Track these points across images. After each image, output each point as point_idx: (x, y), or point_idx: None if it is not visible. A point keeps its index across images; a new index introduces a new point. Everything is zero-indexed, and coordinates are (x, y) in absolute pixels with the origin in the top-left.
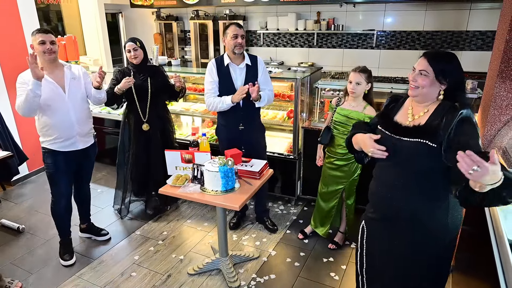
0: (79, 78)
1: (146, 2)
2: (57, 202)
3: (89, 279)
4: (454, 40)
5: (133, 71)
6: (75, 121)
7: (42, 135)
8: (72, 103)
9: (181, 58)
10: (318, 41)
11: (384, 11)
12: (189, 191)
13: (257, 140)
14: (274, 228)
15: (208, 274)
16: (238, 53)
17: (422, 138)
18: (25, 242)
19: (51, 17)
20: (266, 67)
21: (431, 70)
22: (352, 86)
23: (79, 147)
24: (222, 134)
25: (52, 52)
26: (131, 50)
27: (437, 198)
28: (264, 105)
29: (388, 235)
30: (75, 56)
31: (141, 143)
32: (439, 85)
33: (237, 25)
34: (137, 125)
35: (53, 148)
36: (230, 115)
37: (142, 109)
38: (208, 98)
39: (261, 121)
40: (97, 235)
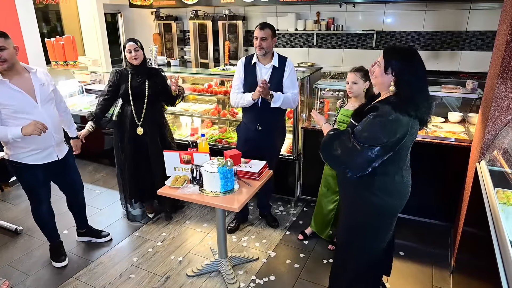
0: (47, 85)
1: (145, 2)
2: (37, 208)
3: (87, 281)
4: (454, 40)
5: (132, 72)
6: (52, 130)
7: (13, 148)
8: (46, 111)
9: (180, 58)
10: (317, 41)
11: (383, 11)
12: (188, 192)
13: (273, 142)
14: (275, 224)
15: (207, 276)
16: (259, 54)
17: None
18: (22, 244)
19: (50, 17)
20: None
21: (383, 62)
22: (349, 86)
23: (55, 158)
24: (241, 133)
25: (3, 60)
26: (132, 51)
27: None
28: (283, 107)
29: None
30: (73, 56)
31: (135, 148)
32: (390, 76)
33: (259, 26)
34: (131, 129)
35: (27, 162)
36: (249, 114)
37: (137, 112)
38: (232, 94)
39: (284, 125)
40: (97, 237)
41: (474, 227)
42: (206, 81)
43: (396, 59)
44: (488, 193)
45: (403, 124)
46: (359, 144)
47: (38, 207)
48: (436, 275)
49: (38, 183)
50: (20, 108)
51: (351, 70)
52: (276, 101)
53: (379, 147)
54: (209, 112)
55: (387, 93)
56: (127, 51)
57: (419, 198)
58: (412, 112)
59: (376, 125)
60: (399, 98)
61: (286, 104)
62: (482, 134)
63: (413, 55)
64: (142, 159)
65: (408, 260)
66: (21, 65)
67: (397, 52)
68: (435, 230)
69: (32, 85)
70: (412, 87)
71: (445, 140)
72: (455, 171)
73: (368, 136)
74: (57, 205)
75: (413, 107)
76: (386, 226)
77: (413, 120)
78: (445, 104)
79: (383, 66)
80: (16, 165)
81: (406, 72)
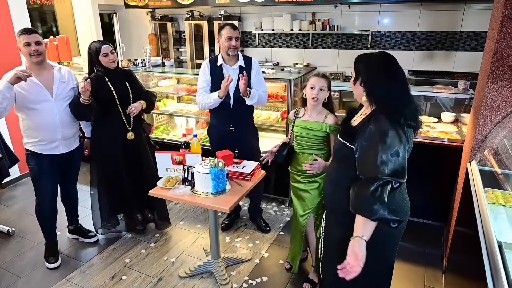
0: (67, 82)
1: (141, 3)
2: (42, 204)
3: (78, 282)
4: (449, 40)
5: (109, 76)
6: (60, 124)
7: (26, 136)
8: (57, 106)
9: (176, 58)
10: (313, 42)
11: (379, 11)
12: (179, 193)
13: (249, 142)
14: (267, 228)
15: (200, 277)
16: (232, 55)
17: (344, 139)
18: (14, 245)
19: (45, 17)
20: (260, 68)
21: (353, 72)
22: (315, 92)
23: (62, 151)
24: (213, 135)
25: (39, 53)
26: (109, 54)
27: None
28: (255, 105)
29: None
30: (67, 57)
31: (127, 155)
32: (360, 87)
33: (231, 26)
34: (120, 136)
35: (36, 150)
36: (220, 115)
37: (127, 117)
38: (198, 97)
39: (253, 123)
40: (84, 236)
41: (465, 226)
42: None
43: (362, 68)
44: (478, 193)
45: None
46: (392, 178)
47: (43, 203)
48: (429, 275)
49: (42, 172)
50: (35, 99)
51: (317, 74)
52: (252, 98)
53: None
54: (203, 113)
55: (368, 106)
56: (102, 55)
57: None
58: (399, 118)
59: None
60: (382, 108)
61: (259, 101)
62: (473, 134)
63: (380, 60)
64: (135, 164)
65: (400, 260)
66: (48, 62)
67: (363, 60)
68: (428, 230)
69: (53, 81)
70: (383, 96)
71: (438, 140)
72: (448, 171)
73: (393, 163)
74: None
75: (397, 114)
76: (390, 249)
77: (406, 128)
78: (439, 104)
79: (354, 77)
80: (28, 153)
81: (372, 79)
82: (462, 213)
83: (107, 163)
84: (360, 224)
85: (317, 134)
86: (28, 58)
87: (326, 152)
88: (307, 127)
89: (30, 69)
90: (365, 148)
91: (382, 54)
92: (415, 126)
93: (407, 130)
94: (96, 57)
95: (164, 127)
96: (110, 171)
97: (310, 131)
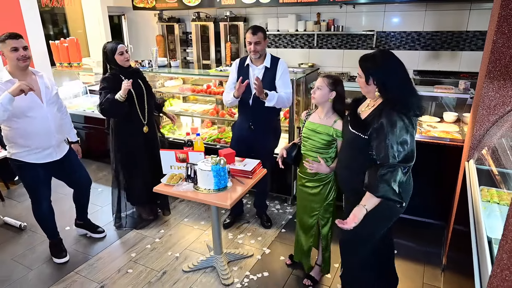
0: (52, 88)
1: (148, 5)
2: (38, 206)
3: (86, 275)
4: (454, 40)
5: (123, 75)
6: (54, 130)
7: (14, 146)
8: (50, 112)
9: (183, 59)
10: (318, 42)
11: (384, 11)
12: (183, 190)
13: (267, 143)
14: (268, 224)
15: (203, 271)
16: (254, 57)
17: (356, 130)
18: (26, 240)
19: (56, 19)
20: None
21: (362, 73)
22: (312, 90)
23: (56, 158)
24: (234, 131)
25: (27, 58)
26: (124, 52)
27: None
28: (277, 106)
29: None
30: (77, 58)
31: (146, 147)
32: (373, 86)
33: (251, 31)
34: (138, 129)
35: (28, 160)
36: (242, 112)
37: (142, 112)
38: (224, 94)
39: (277, 125)
40: (93, 232)
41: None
42: (206, 82)
43: (371, 68)
44: (473, 191)
45: (407, 128)
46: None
47: (39, 205)
48: (428, 273)
49: (38, 181)
50: (28, 106)
51: (322, 74)
52: (270, 100)
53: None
54: (208, 112)
55: (377, 99)
56: (118, 54)
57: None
58: (407, 111)
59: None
60: (391, 102)
61: (280, 103)
62: (470, 134)
63: (385, 57)
64: (151, 156)
65: (400, 257)
66: (29, 68)
67: (369, 60)
68: (429, 229)
69: (39, 86)
70: (395, 89)
71: (439, 140)
72: (449, 170)
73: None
74: (59, 202)
75: (406, 107)
76: (388, 225)
77: (411, 118)
78: (442, 104)
79: (364, 78)
80: (18, 164)
81: (385, 76)
82: (460, 211)
83: (129, 155)
84: (366, 197)
85: (322, 137)
86: (15, 63)
87: (329, 157)
88: (314, 130)
89: (13, 75)
90: (379, 139)
91: (384, 51)
92: (419, 115)
93: (413, 119)
94: (112, 56)
95: (170, 126)
96: (132, 163)
97: (316, 133)
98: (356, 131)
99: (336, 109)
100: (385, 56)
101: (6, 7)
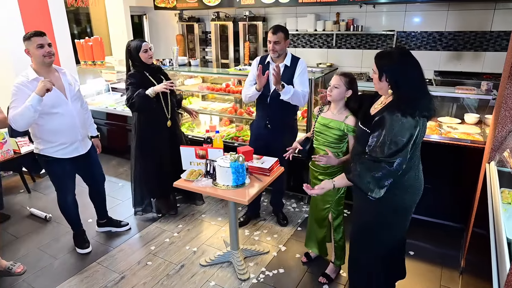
0: (74, 85)
1: (169, 5)
2: (63, 199)
3: (108, 265)
4: (478, 40)
5: (148, 71)
6: (79, 125)
7: (42, 142)
8: (74, 107)
9: (202, 58)
10: (337, 42)
11: (404, 11)
12: (202, 185)
13: (282, 141)
14: (285, 222)
15: (219, 266)
16: (273, 56)
17: (364, 126)
18: (51, 230)
19: (80, 19)
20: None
21: (376, 69)
22: (329, 89)
23: (81, 152)
24: (252, 130)
25: (52, 54)
26: (148, 50)
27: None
28: (291, 101)
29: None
30: (101, 56)
31: (169, 141)
32: (385, 82)
33: (272, 30)
34: (162, 123)
35: (56, 156)
36: (259, 109)
37: (166, 107)
38: (243, 89)
39: (294, 124)
40: (117, 226)
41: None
42: (225, 81)
43: (386, 65)
44: (493, 192)
45: (409, 127)
46: (387, 159)
47: (64, 198)
48: (445, 275)
49: (65, 176)
50: (53, 103)
51: (337, 73)
52: (286, 92)
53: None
54: (226, 111)
55: (388, 96)
56: (142, 51)
57: (433, 199)
58: (413, 111)
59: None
60: (399, 101)
61: (295, 99)
62: (492, 135)
63: (402, 56)
64: (174, 149)
65: (417, 259)
66: (52, 66)
67: (385, 57)
68: (448, 231)
69: (62, 83)
70: (408, 88)
71: (460, 141)
72: (470, 173)
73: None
74: (83, 196)
75: (413, 107)
76: (400, 222)
77: (419, 118)
78: (463, 105)
79: (378, 74)
80: (46, 159)
81: (398, 74)
82: (480, 214)
83: (153, 149)
84: (340, 176)
85: (334, 132)
86: (41, 59)
87: (341, 152)
88: (326, 125)
89: (38, 73)
90: (376, 133)
91: (401, 49)
92: (429, 116)
93: (420, 120)
94: (136, 54)
95: (189, 124)
96: (155, 157)
97: (328, 128)
98: (363, 127)
99: (350, 106)
100: (402, 54)
101: (36, 7)
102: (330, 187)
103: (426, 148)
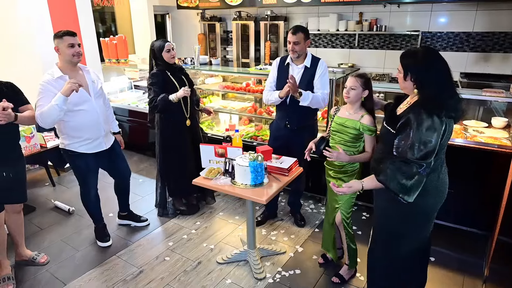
0: (97, 82)
1: (192, 4)
2: (86, 193)
3: (127, 259)
4: (508, 41)
5: (170, 71)
6: (103, 121)
7: (68, 137)
8: (97, 104)
9: (223, 57)
10: (359, 42)
11: (430, 11)
12: (220, 183)
13: (301, 142)
14: (302, 223)
15: (236, 264)
16: (292, 57)
17: (388, 125)
18: (74, 223)
19: (105, 18)
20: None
21: (401, 68)
22: (346, 90)
23: (105, 147)
24: (272, 129)
25: (80, 55)
26: (171, 50)
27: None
28: (313, 106)
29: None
30: (124, 55)
31: (189, 140)
32: (410, 82)
33: (292, 30)
34: (182, 122)
35: (81, 151)
36: (279, 111)
37: (185, 106)
38: (264, 92)
39: (314, 125)
40: (137, 221)
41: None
42: (245, 80)
43: (411, 64)
44: None
45: (436, 127)
46: (419, 161)
47: (87, 192)
48: (468, 283)
49: (88, 170)
50: (78, 101)
51: (352, 74)
52: (304, 99)
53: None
54: (246, 110)
55: (414, 96)
56: (165, 51)
57: (457, 205)
58: (439, 112)
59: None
60: (424, 101)
61: (315, 103)
62: None
63: (427, 54)
64: (194, 149)
65: (439, 265)
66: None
67: (411, 56)
68: (471, 238)
69: (86, 81)
70: (433, 87)
71: (486, 146)
72: (496, 178)
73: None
74: (104, 190)
75: (439, 107)
76: (422, 226)
77: (445, 119)
78: (490, 109)
79: (403, 73)
80: (71, 154)
81: (424, 74)
82: (506, 221)
83: (174, 149)
84: (369, 177)
85: (350, 131)
86: (69, 58)
87: (357, 151)
88: (342, 124)
89: (63, 71)
90: (403, 134)
91: (427, 49)
92: (456, 117)
93: (447, 120)
94: (159, 53)
95: (209, 123)
96: (176, 156)
97: (344, 127)
98: (387, 126)
99: (366, 106)
100: (428, 54)
101: (64, 7)
102: (358, 188)
103: (450, 151)
